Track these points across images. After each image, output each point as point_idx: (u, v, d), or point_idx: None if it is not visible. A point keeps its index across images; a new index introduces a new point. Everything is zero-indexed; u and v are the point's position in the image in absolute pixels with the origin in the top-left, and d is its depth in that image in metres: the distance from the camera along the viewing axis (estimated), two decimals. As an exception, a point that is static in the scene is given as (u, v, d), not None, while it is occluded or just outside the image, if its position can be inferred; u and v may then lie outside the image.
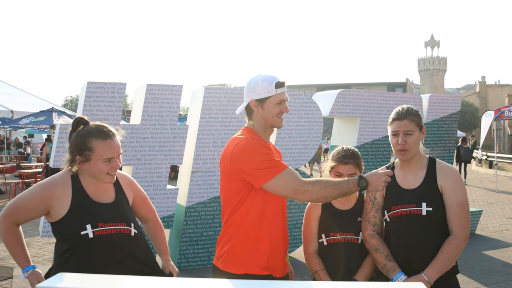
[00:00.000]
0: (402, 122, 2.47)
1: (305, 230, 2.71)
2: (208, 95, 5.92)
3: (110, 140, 2.21)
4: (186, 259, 5.89)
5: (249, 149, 2.30)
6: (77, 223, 2.16)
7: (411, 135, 2.46)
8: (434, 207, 2.40)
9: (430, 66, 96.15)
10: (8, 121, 17.02)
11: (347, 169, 2.61)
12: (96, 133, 2.19)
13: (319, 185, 2.28)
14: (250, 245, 2.35)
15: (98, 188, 2.28)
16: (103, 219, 2.20)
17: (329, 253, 2.61)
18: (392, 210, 2.47)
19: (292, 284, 1.28)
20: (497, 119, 15.77)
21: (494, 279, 5.52)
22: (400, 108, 2.54)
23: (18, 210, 2.24)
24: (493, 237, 7.75)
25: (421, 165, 2.52)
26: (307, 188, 2.27)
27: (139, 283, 1.27)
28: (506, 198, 12.48)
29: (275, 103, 2.39)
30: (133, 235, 2.27)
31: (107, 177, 2.22)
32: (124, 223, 2.25)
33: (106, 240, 2.18)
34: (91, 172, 2.21)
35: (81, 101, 5.55)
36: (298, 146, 6.37)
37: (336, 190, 2.29)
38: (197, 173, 5.90)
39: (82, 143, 2.18)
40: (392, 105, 7.20)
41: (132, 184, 2.47)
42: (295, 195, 2.30)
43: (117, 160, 2.23)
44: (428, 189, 2.45)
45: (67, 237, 2.19)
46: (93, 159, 2.18)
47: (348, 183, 2.30)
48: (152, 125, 5.65)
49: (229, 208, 2.40)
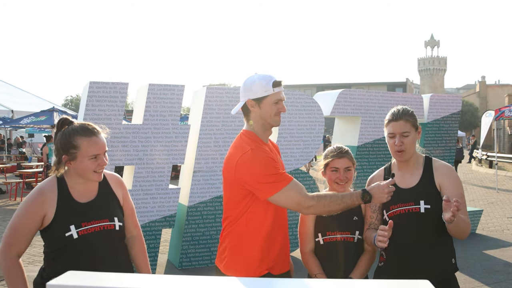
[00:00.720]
0: (398, 123, 2.50)
1: (301, 230, 2.73)
2: (210, 95, 5.93)
3: (95, 137, 2.21)
4: (188, 259, 5.91)
5: (254, 161, 2.28)
6: (61, 225, 2.16)
7: (408, 136, 2.49)
8: (432, 204, 2.43)
9: (430, 66, 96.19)
10: (9, 121, 17.03)
11: (342, 162, 2.64)
12: (80, 131, 2.20)
13: (323, 201, 2.29)
14: (253, 251, 2.36)
15: (83, 188, 2.27)
16: (86, 218, 2.20)
17: (325, 252, 2.63)
18: (391, 209, 2.50)
19: (294, 282, 1.30)
20: (497, 119, 15.78)
21: (495, 278, 5.54)
22: (395, 109, 2.57)
23: (16, 232, 2.18)
24: (493, 236, 7.76)
25: (417, 164, 2.56)
26: (311, 204, 2.28)
27: (149, 281, 1.29)
28: (507, 198, 12.50)
29: (273, 102, 2.38)
30: (118, 229, 2.28)
31: (94, 175, 2.22)
32: (107, 219, 2.25)
33: (91, 238, 2.19)
34: (77, 170, 2.21)
35: (83, 100, 5.56)
36: (299, 146, 6.39)
37: (339, 205, 2.30)
38: (199, 172, 5.91)
39: (68, 141, 2.18)
40: (393, 105, 7.13)
41: (122, 184, 2.46)
42: (300, 209, 2.32)
43: (103, 157, 2.23)
44: (426, 187, 2.48)
45: (53, 240, 2.19)
46: (79, 157, 2.17)
47: (352, 198, 2.31)
48: (154, 125, 5.66)
49: (233, 213, 2.40)
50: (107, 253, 2.22)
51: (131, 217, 2.47)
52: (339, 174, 2.64)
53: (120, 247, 2.34)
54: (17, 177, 15.34)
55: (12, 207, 11.02)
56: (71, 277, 1.31)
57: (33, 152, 26.52)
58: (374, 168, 6.97)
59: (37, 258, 6.49)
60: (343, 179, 2.63)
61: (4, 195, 12.98)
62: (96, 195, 2.30)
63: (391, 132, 2.52)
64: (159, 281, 1.26)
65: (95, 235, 2.20)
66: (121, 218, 2.34)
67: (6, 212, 10.29)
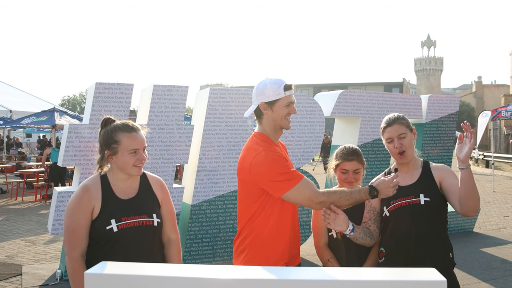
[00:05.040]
0: (393, 127, 2.67)
1: (315, 225, 2.84)
2: (213, 96, 6.04)
3: (135, 133, 2.37)
4: (192, 256, 6.01)
5: (268, 161, 2.40)
6: (104, 219, 2.31)
7: (405, 137, 2.65)
8: (431, 197, 2.59)
9: (426, 66, 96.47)
10: (10, 121, 17.04)
11: (352, 165, 2.77)
12: (121, 127, 2.36)
13: (333, 196, 2.42)
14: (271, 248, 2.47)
15: (125, 186, 2.41)
16: (126, 213, 2.34)
17: (339, 246, 2.75)
18: (391, 204, 2.64)
19: (309, 270, 1.41)
20: (494, 119, 15.92)
21: (492, 275, 5.67)
22: (387, 117, 2.75)
23: (74, 233, 2.29)
24: (490, 235, 7.90)
25: (416, 166, 2.73)
26: (322, 199, 2.41)
27: (183, 270, 1.40)
28: (503, 197, 12.66)
29: (284, 105, 2.49)
30: (156, 225, 2.40)
31: (134, 169, 2.36)
32: (146, 215, 2.37)
33: (130, 232, 2.31)
34: (118, 165, 2.35)
35: (89, 101, 5.65)
36: (300, 146, 6.50)
37: (348, 201, 2.43)
38: (202, 172, 6.02)
39: (110, 137, 2.35)
40: (392, 105, 7.34)
41: (163, 187, 2.57)
42: (311, 205, 2.44)
43: (143, 152, 2.37)
44: (425, 183, 2.64)
45: (95, 233, 2.32)
46: (120, 151, 2.33)
47: (360, 193, 2.43)
48: (159, 125, 5.76)
49: (249, 213, 2.51)
50: (144, 248, 2.33)
51: (170, 220, 2.55)
52: (348, 175, 2.77)
53: (157, 243, 2.45)
54: (17, 177, 15.39)
55: (14, 207, 11.09)
56: (106, 266, 1.42)
57: (30, 152, 26.55)
58: (373, 168, 7.11)
59: (42, 256, 6.58)
60: (352, 180, 2.77)
61: (5, 195, 13.03)
62: (136, 193, 2.43)
63: (389, 137, 2.68)
64: (192, 270, 1.36)
65: (134, 230, 2.32)
66: (160, 215, 2.45)
67: (8, 212, 10.36)
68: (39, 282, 5.40)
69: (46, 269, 5.88)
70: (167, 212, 2.53)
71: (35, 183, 12.42)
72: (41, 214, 10.07)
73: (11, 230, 8.37)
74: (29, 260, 6.39)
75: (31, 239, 7.71)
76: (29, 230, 8.38)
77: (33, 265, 6.13)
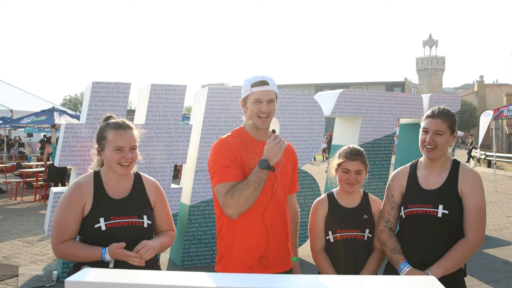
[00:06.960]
0: (435, 120, 2.50)
1: (312, 228, 2.75)
2: (211, 95, 5.97)
3: (122, 130, 2.35)
4: (190, 258, 5.95)
5: (214, 149, 2.46)
6: (93, 217, 2.29)
7: (441, 135, 2.48)
8: (450, 210, 2.42)
9: (428, 66, 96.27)
10: (10, 120, 17.02)
11: (354, 165, 2.65)
12: (111, 124, 2.37)
13: (235, 193, 2.29)
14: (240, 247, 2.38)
15: (117, 185, 2.39)
16: (116, 213, 2.31)
17: (336, 250, 2.66)
18: (408, 207, 2.51)
19: (302, 278, 1.33)
20: (496, 119, 15.82)
21: (494, 276, 5.59)
22: (436, 107, 2.57)
23: (62, 228, 2.29)
24: (493, 235, 7.82)
25: (445, 167, 2.55)
26: (228, 203, 2.30)
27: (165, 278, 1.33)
28: (505, 197, 12.57)
29: (252, 102, 2.44)
30: (146, 227, 2.36)
31: (118, 167, 2.33)
32: (136, 216, 2.34)
33: (118, 232, 2.28)
34: (106, 161, 2.36)
35: (86, 100, 5.59)
36: (300, 145, 6.42)
37: (249, 188, 2.27)
38: (201, 172, 5.95)
39: (100, 133, 2.38)
40: (393, 105, 7.27)
41: (158, 190, 2.51)
42: (224, 210, 2.35)
43: (128, 152, 2.33)
44: (448, 192, 2.47)
45: (84, 230, 2.31)
46: (106, 147, 2.34)
47: (254, 174, 2.30)
48: (156, 125, 5.70)
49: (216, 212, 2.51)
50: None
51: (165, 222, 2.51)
52: (350, 176, 2.65)
53: None
54: (17, 176, 15.35)
55: (13, 207, 11.05)
56: (87, 274, 1.35)
57: (32, 151, 26.51)
58: (374, 168, 7.04)
59: (39, 257, 6.52)
60: (353, 181, 2.65)
61: (4, 195, 12.99)
62: (128, 193, 2.41)
63: (425, 127, 2.52)
64: (175, 277, 1.29)
65: (122, 230, 2.29)
66: (151, 217, 2.41)
67: (7, 212, 10.31)
68: (36, 283, 5.34)
69: (42, 271, 5.82)
70: (161, 215, 2.50)
71: (34, 183, 12.37)
72: (40, 214, 10.02)
73: (9, 231, 8.32)
74: (26, 261, 6.33)
75: (28, 239, 7.65)
76: (27, 231, 8.33)
77: (30, 266, 6.07)
